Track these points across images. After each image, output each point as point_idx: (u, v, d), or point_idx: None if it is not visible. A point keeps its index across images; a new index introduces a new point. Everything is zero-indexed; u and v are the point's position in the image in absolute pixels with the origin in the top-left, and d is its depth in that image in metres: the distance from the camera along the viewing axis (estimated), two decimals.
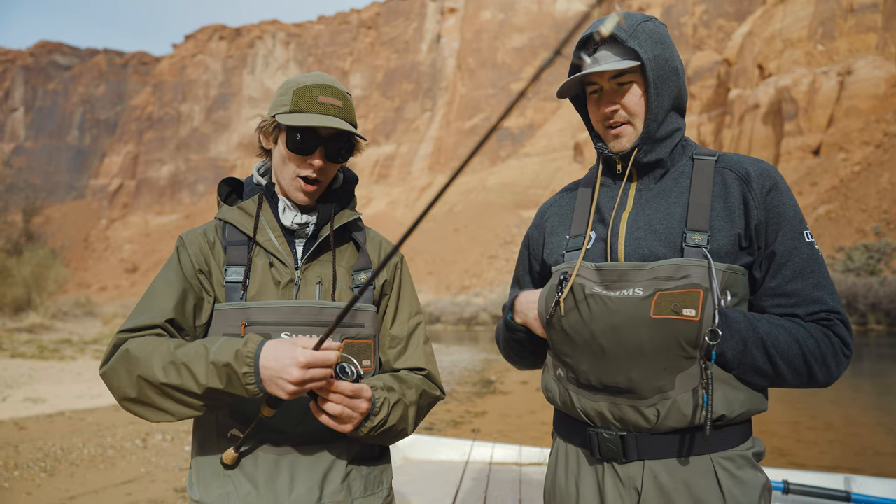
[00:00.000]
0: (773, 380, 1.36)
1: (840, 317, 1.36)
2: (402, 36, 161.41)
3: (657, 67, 1.41)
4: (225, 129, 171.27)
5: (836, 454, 7.98)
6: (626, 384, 1.38)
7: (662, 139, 1.47)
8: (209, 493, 1.41)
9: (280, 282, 1.46)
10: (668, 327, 1.33)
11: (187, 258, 1.49)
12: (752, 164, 1.44)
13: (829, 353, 1.34)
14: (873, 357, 23.99)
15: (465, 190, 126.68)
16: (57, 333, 24.26)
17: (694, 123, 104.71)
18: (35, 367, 14.63)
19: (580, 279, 1.44)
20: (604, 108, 1.47)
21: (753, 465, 1.39)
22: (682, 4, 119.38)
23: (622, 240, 1.44)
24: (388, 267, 1.58)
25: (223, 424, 1.44)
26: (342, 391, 1.30)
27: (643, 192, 1.49)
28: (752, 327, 1.33)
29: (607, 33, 1.14)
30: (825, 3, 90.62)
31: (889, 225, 59.35)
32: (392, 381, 1.48)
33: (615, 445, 1.40)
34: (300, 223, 1.51)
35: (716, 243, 1.37)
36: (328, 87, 1.47)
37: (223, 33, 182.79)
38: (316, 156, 1.46)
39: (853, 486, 2.71)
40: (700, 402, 1.32)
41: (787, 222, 1.39)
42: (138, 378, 1.32)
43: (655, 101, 1.42)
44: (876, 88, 78.22)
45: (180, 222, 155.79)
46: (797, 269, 1.37)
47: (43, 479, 5.96)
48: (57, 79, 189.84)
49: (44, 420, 9.03)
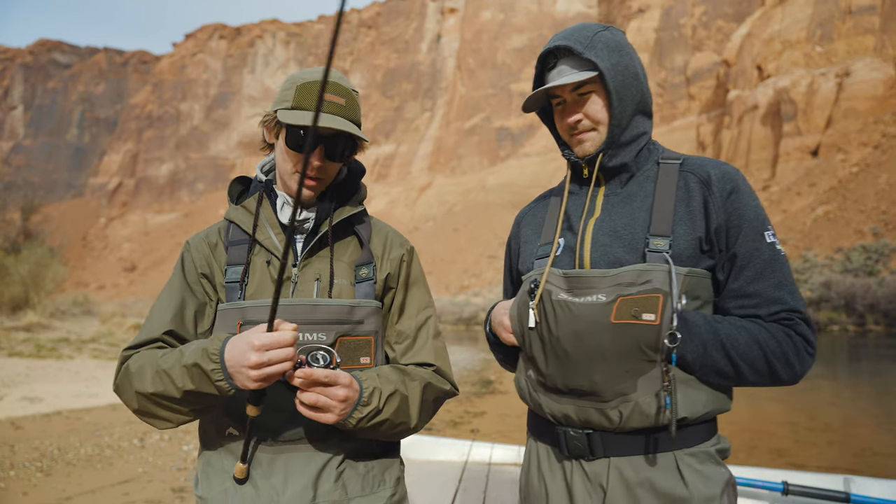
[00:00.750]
0: (735, 380, 1.39)
1: (802, 315, 1.39)
2: (402, 36, 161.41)
3: (616, 75, 1.44)
4: (224, 127, 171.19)
5: (835, 455, 7.97)
6: (590, 387, 1.41)
7: (627, 143, 1.49)
8: (211, 489, 1.42)
9: (276, 280, 1.41)
10: (628, 332, 1.36)
11: (191, 263, 1.51)
12: (714, 167, 1.47)
13: (791, 352, 1.36)
14: (872, 357, 23.99)
15: (465, 190, 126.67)
16: (55, 332, 24.22)
17: (693, 124, 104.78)
18: (32, 365, 14.60)
19: (548, 285, 1.47)
20: (568, 119, 1.50)
21: (717, 462, 1.41)
22: (681, 5, 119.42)
23: (588, 247, 1.47)
24: (392, 261, 1.54)
25: (221, 423, 1.44)
26: (315, 378, 1.26)
27: (611, 196, 1.52)
28: (712, 330, 1.36)
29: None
30: (823, 4, 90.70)
31: (887, 226, 59.39)
32: (391, 373, 1.44)
33: (581, 443, 1.44)
34: (298, 220, 1.48)
35: (677, 248, 1.39)
36: (332, 83, 1.43)
37: (223, 32, 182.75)
38: (315, 155, 1.42)
39: (852, 486, 2.70)
40: (662, 403, 1.35)
41: (747, 224, 1.41)
42: (135, 392, 1.37)
43: (618, 106, 1.45)
44: (874, 90, 78.31)
45: (179, 221, 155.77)
46: (758, 270, 1.40)
47: (39, 479, 5.94)
48: (56, 77, 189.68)
49: (40, 419, 9.00)
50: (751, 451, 8.19)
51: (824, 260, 58.22)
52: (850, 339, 34.40)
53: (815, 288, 47.26)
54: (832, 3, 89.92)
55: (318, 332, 1.40)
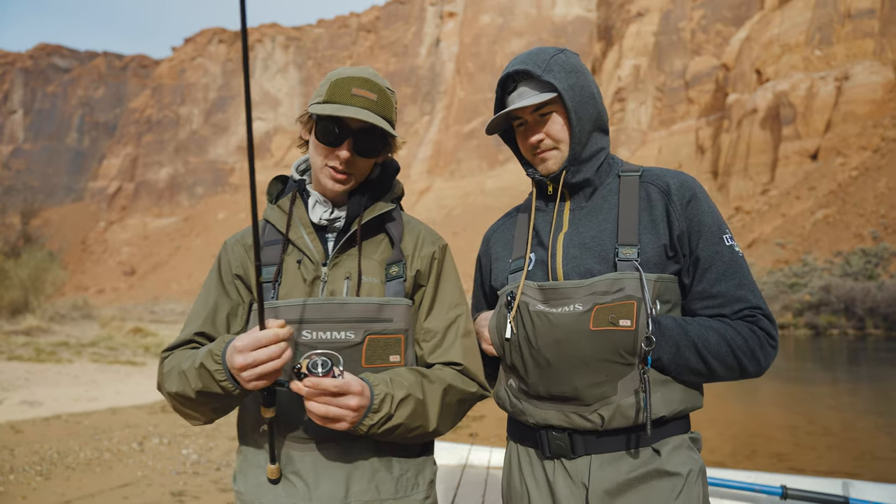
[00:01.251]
0: (708, 377, 1.49)
1: (763, 311, 1.48)
2: (401, 40, 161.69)
3: (574, 95, 1.53)
4: (224, 131, 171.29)
5: (835, 459, 7.98)
6: (572, 392, 1.48)
7: (587, 159, 1.58)
8: (246, 483, 1.44)
9: (307, 279, 1.46)
10: (606, 338, 1.44)
11: (227, 264, 1.54)
12: (673, 177, 1.56)
13: (756, 346, 1.45)
14: (871, 361, 23.99)
15: (464, 194, 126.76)
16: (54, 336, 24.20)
17: (692, 128, 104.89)
18: (32, 369, 14.59)
19: (525, 297, 1.54)
20: (530, 139, 1.58)
21: (690, 448, 1.51)
22: (680, 9, 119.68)
23: (560, 260, 1.54)
24: (423, 258, 1.54)
25: (256, 419, 1.45)
26: (324, 388, 1.24)
27: (577, 210, 1.60)
28: (683, 331, 1.45)
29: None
30: (822, 8, 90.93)
31: (887, 229, 59.44)
32: (406, 376, 1.41)
33: (563, 443, 1.51)
34: (328, 219, 1.50)
35: (645, 255, 1.48)
36: (365, 80, 1.45)
37: (222, 36, 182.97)
38: (343, 147, 1.44)
39: (851, 491, 2.70)
40: (641, 403, 1.44)
41: (706, 229, 1.50)
42: (167, 392, 1.44)
43: (578, 125, 1.53)
44: (873, 94, 78.46)
45: (179, 225, 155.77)
46: (720, 271, 1.49)
47: (39, 483, 5.94)
48: (56, 81, 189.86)
49: (40, 423, 8.99)
50: (751, 455, 8.19)
51: (824, 264, 58.26)
52: (850, 342, 34.41)
53: (814, 292, 47.26)
54: (831, 7, 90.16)
55: (347, 331, 1.40)
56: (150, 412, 10.32)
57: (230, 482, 6.18)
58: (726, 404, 12.10)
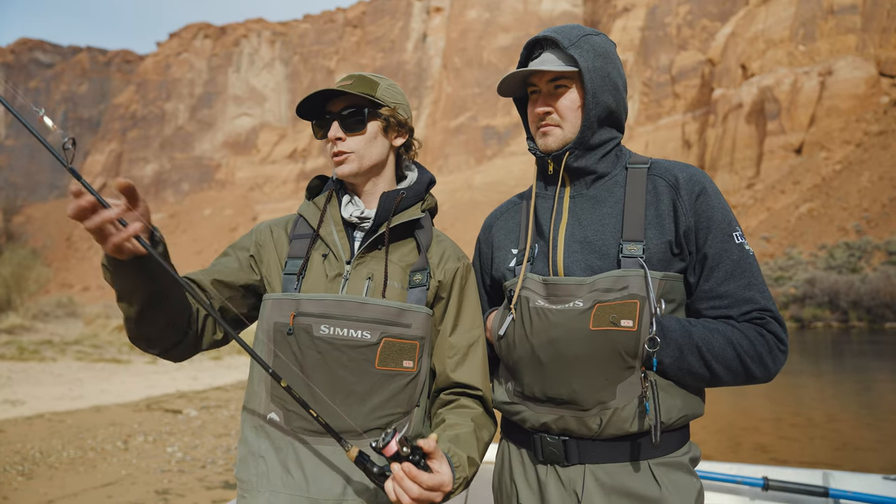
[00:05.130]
0: (710, 381, 1.41)
1: (772, 314, 1.40)
2: (387, 35, 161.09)
3: (595, 77, 1.46)
4: (210, 127, 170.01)
5: (817, 450, 8.07)
6: (569, 395, 1.42)
7: (594, 147, 1.51)
8: (247, 472, 1.46)
9: (328, 275, 1.49)
10: (606, 338, 1.37)
11: (248, 239, 1.61)
12: (682, 170, 1.49)
13: (764, 351, 1.38)
14: (854, 353, 24.30)
15: (451, 189, 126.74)
16: (37, 334, 23.93)
17: (678, 123, 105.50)
18: (14, 368, 14.43)
19: (526, 292, 1.49)
20: (538, 109, 1.52)
21: (689, 471, 1.44)
22: (666, 4, 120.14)
23: (561, 254, 1.49)
24: (447, 271, 1.54)
25: (264, 407, 1.47)
26: (420, 482, 1.21)
27: (577, 198, 1.54)
28: (686, 334, 1.38)
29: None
30: (806, 4, 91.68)
31: (870, 223, 60.16)
32: (468, 441, 1.41)
33: (557, 449, 1.45)
34: (359, 216, 1.53)
35: (649, 252, 1.41)
36: (350, 75, 1.54)
37: (208, 31, 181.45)
38: (333, 129, 1.50)
39: (831, 481, 2.73)
40: (642, 410, 1.37)
41: (716, 226, 1.42)
42: (126, 332, 1.46)
43: (593, 109, 1.46)
44: (856, 88, 79.28)
45: (164, 221, 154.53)
46: (728, 270, 1.41)
47: (20, 483, 5.87)
48: (38, 77, 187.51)
49: (22, 422, 8.89)
50: (735, 447, 8.27)
51: (808, 257, 58.90)
52: (834, 335, 34.82)
53: (798, 285, 47.76)
54: (815, 3, 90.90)
55: (364, 331, 1.42)
56: (135, 410, 10.23)
57: (216, 480, 6.15)
58: (714, 398, 12.15)
